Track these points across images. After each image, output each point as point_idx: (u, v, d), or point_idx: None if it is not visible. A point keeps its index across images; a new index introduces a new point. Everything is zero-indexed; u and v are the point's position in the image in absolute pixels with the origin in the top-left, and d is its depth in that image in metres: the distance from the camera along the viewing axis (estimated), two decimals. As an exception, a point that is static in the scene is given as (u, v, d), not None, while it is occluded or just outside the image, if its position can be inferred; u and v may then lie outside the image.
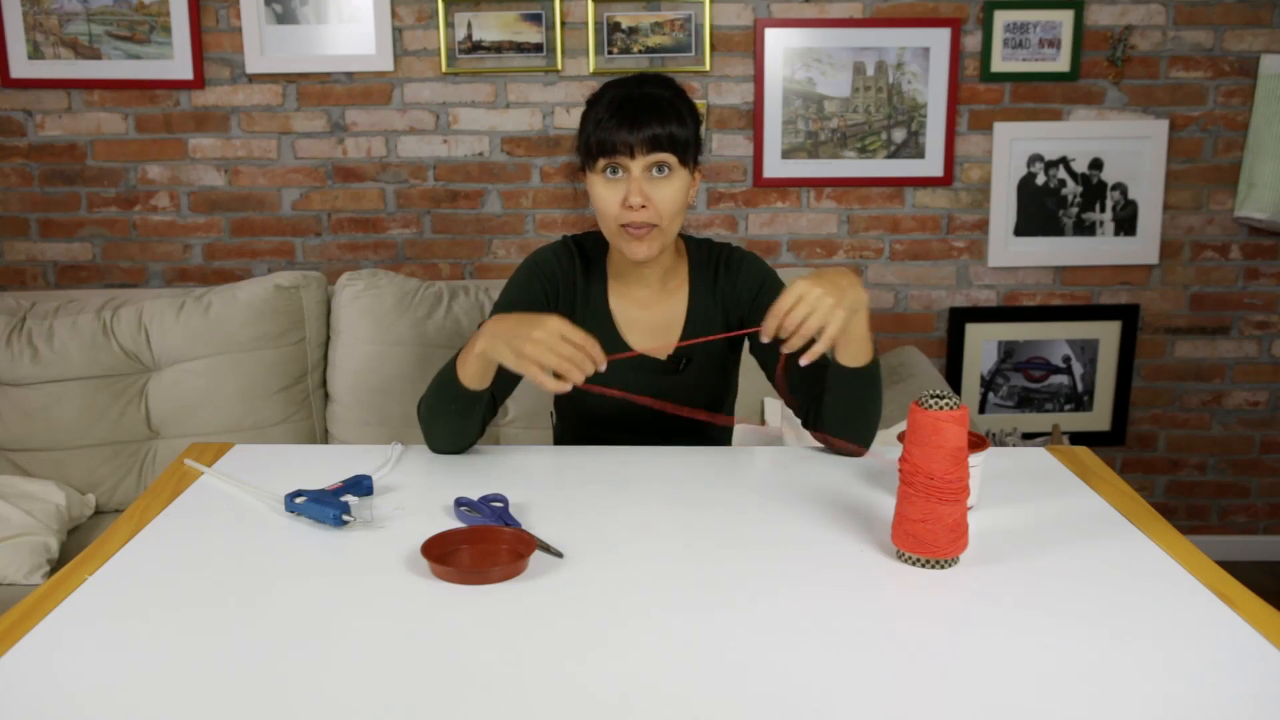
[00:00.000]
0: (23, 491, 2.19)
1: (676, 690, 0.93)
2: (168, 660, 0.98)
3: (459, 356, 1.46)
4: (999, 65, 2.72)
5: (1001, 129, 2.75)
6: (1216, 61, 2.73)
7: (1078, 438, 2.88)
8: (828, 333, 1.32)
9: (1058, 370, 2.90)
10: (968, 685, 0.94)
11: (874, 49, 2.70)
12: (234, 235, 2.81)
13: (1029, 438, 2.84)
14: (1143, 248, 2.82)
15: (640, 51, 2.69)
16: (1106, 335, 2.87)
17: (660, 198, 1.49)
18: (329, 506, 1.27)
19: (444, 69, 2.70)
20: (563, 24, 2.68)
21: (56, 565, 2.06)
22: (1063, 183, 2.79)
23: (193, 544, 1.24)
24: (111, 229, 2.80)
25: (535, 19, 2.67)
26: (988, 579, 1.14)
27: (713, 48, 2.71)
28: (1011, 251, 2.83)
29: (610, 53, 2.69)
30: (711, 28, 2.69)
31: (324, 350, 2.46)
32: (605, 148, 1.48)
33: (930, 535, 1.15)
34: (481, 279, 2.76)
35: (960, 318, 2.85)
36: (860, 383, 1.46)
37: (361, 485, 1.35)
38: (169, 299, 2.39)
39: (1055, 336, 2.88)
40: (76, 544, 2.16)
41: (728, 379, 1.70)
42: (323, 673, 0.96)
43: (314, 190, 2.79)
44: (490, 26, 2.68)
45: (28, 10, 2.64)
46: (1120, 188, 2.79)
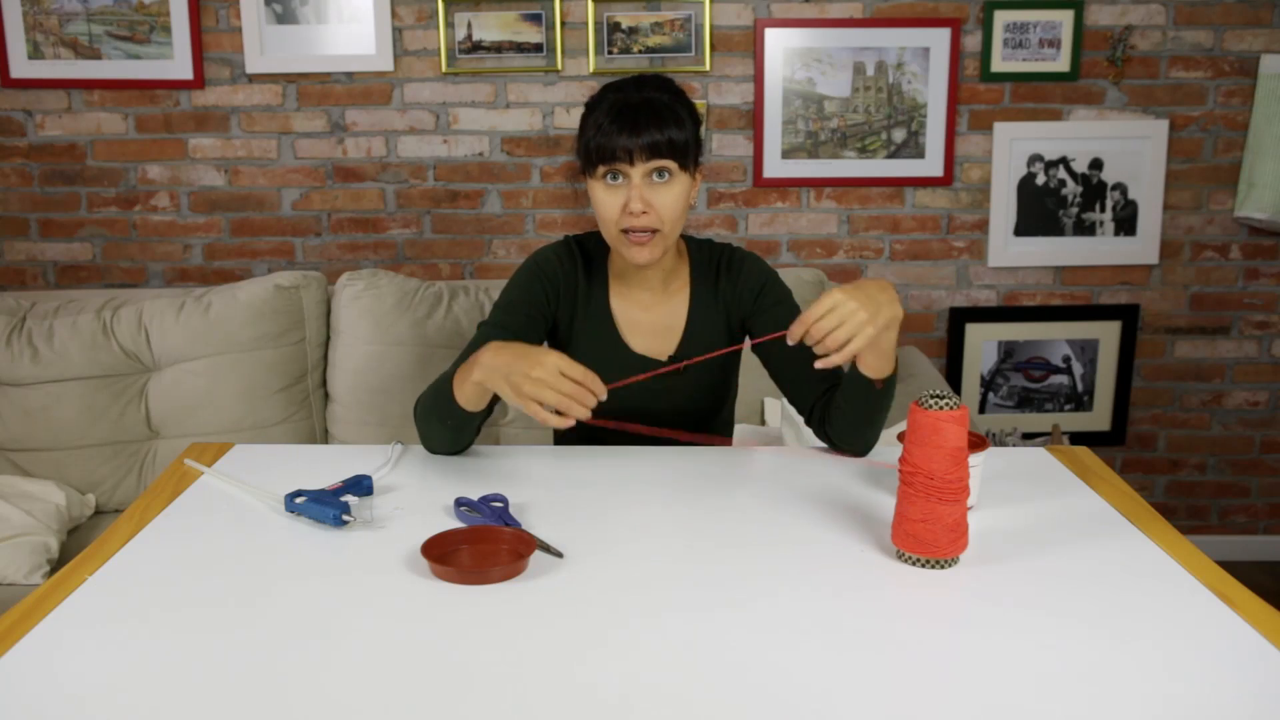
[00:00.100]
0: (23, 491, 2.19)
1: (676, 690, 0.93)
2: (168, 660, 0.99)
3: (457, 375, 1.43)
4: (999, 65, 2.72)
5: (1001, 129, 2.75)
6: (1216, 61, 2.73)
7: (1078, 438, 2.88)
8: (851, 347, 1.28)
9: (1058, 370, 2.90)
10: (968, 685, 0.94)
11: (874, 49, 2.70)
12: (234, 235, 2.81)
13: (1029, 438, 2.84)
14: (1143, 248, 2.82)
15: (640, 51, 2.69)
16: (1106, 335, 2.87)
17: (661, 203, 1.48)
18: (329, 506, 1.27)
19: (444, 69, 2.70)
20: (563, 24, 2.68)
21: (56, 565, 2.06)
22: (1063, 183, 2.79)
23: (193, 544, 1.24)
24: (111, 229, 2.80)
25: (535, 19, 2.67)
26: (988, 579, 1.14)
27: (713, 48, 2.71)
28: (1011, 251, 2.83)
29: (610, 53, 2.69)
30: (711, 28, 2.69)
31: (324, 350, 2.46)
32: (605, 154, 1.47)
33: (930, 535, 1.15)
34: (481, 279, 2.76)
35: (960, 318, 2.85)
36: (874, 394, 1.44)
37: (361, 485, 1.35)
38: (169, 299, 2.39)
39: (1055, 336, 2.87)
40: (76, 544, 2.16)
41: (728, 379, 1.70)
42: (323, 673, 0.96)
43: (314, 190, 2.79)
44: (490, 26, 2.67)
45: (28, 10, 2.64)
46: (1120, 188, 2.79)
